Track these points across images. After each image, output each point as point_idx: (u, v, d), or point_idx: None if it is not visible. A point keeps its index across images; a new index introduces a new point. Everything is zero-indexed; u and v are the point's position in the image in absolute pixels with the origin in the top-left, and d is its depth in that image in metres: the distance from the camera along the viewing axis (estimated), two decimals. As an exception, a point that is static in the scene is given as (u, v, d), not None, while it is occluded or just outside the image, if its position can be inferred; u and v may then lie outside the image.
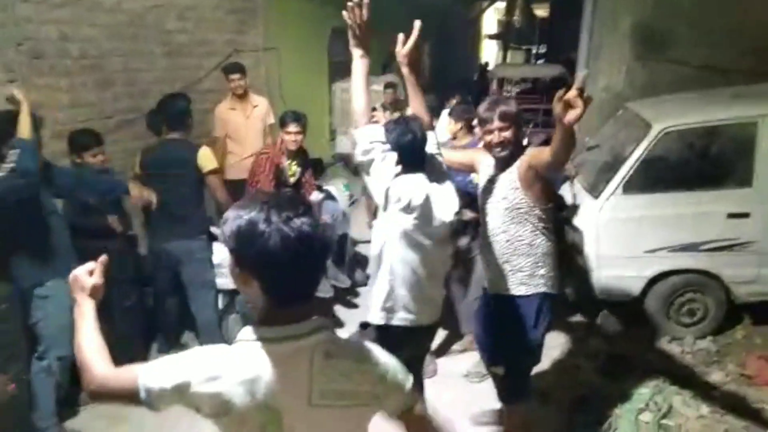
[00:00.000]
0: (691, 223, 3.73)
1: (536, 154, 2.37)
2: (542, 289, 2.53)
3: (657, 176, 3.88)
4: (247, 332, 1.15)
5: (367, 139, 2.31)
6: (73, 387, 3.18)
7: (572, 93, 1.92)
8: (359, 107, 2.35)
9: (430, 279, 2.41)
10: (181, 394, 1.12)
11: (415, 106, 2.46)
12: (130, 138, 4.16)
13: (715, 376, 3.51)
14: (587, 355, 3.78)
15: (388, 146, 2.32)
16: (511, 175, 2.45)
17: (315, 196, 4.28)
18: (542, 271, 2.51)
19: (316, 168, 4.62)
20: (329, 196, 4.58)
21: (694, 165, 4.02)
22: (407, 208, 2.25)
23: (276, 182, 4.11)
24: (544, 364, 3.65)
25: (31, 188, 2.75)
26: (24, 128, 2.69)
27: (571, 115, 1.94)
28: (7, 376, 2.69)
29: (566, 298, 4.23)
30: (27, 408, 2.88)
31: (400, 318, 2.37)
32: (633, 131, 4.04)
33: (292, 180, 4.28)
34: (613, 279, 3.82)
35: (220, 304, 3.76)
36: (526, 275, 2.52)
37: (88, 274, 1.31)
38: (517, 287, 2.54)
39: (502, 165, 2.50)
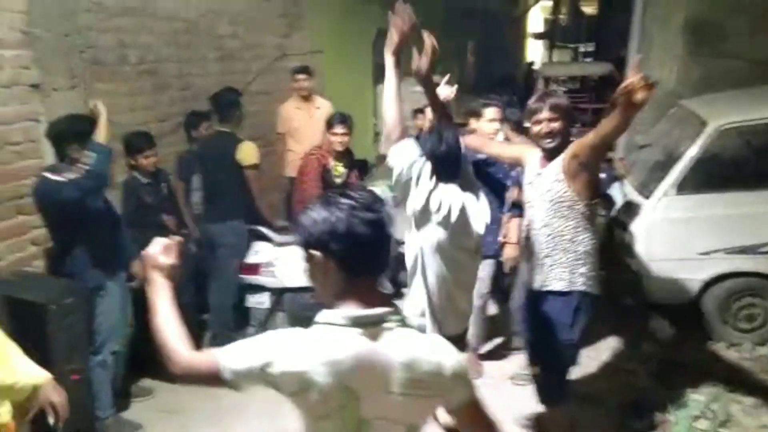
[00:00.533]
0: (749, 223, 3.59)
1: (580, 140, 2.38)
2: (581, 288, 2.49)
3: (712, 175, 3.75)
4: (327, 315, 1.21)
5: (401, 158, 2.31)
6: (127, 380, 3.34)
7: (638, 78, 1.95)
8: (392, 119, 2.31)
9: (461, 290, 2.43)
10: (265, 373, 1.17)
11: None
12: (185, 140, 4.30)
13: (776, 386, 3.37)
14: (640, 360, 3.69)
15: (422, 159, 2.32)
16: (556, 167, 2.44)
17: (361, 196, 4.32)
18: (582, 269, 2.48)
19: (361, 169, 4.68)
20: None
21: (752, 163, 3.86)
22: (445, 221, 2.26)
23: (323, 182, 4.18)
24: (595, 367, 3.60)
25: (101, 191, 2.93)
26: (101, 134, 2.84)
27: (640, 95, 1.95)
28: (71, 367, 2.82)
29: (617, 301, 4.14)
30: (88, 399, 3.03)
31: (429, 330, 2.39)
32: (687, 129, 3.92)
33: (338, 181, 4.34)
34: (666, 282, 3.71)
35: (268, 303, 3.85)
36: (565, 271, 2.49)
37: (163, 253, 1.33)
38: (556, 282, 2.51)
39: (549, 158, 2.49)
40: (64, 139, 2.83)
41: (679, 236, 3.67)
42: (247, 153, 3.75)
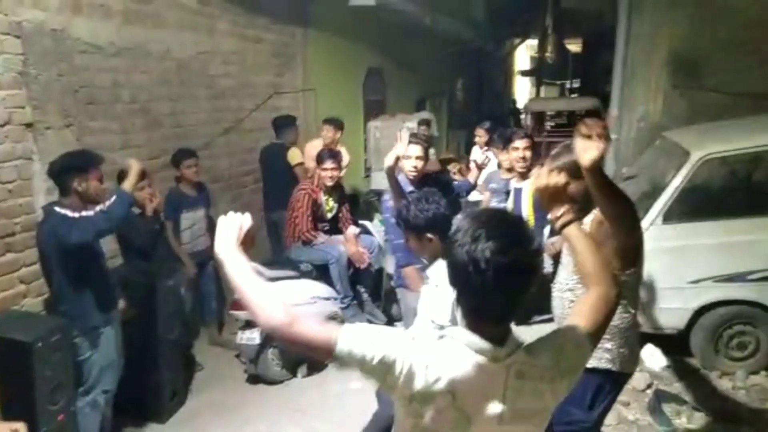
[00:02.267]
0: (737, 251, 3.63)
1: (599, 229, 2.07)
2: (606, 365, 2.15)
3: (698, 204, 3.81)
4: (460, 334, 1.19)
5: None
6: (116, 418, 3.28)
7: (594, 124, 1.57)
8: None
9: None
10: (381, 368, 1.15)
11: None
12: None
13: (770, 414, 3.35)
14: (634, 392, 3.66)
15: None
16: (583, 227, 2.00)
17: (351, 230, 4.35)
18: (609, 345, 2.14)
19: (352, 203, 4.72)
20: (365, 231, 4.65)
21: (737, 192, 3.94)
22: None
23: (313, 217, 4.21)
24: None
25: (107, 233, 2.97)
26: (129, 183, 2.92)
27: (589, 153, 1.54)
28: (56, 406, 2.78)
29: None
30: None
31: None
32: (671, 160, 4.00)
33: (329, 215, 4.37)
34: (657, 311, 3.72)
35: (259, 339, 3.77)
36: None
37: (238, 228, 1.30)
38: None
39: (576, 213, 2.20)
40: (66, 172, 2.85)
41: (668, 265, 3.69)
42: (293, 156, 5.08)
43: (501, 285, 1.11)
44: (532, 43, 16.99)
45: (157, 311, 3.42)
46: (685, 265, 3.68)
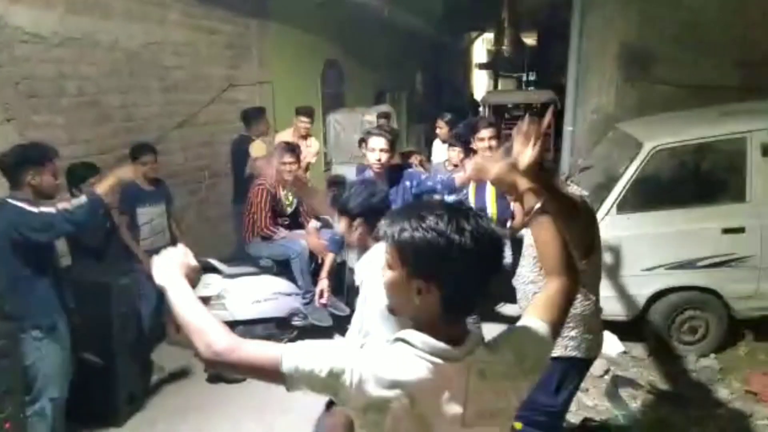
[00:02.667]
0: (687, 239, 3.75)
1: None
2: (571, 353, 2.21)
3: (650, 194, 3.92)
4: (412, 336, 1.12)
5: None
6: (71, 425, 3.15)
7: (530, 127, 1.42)
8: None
9: None
10: (332, 382, 1.09)
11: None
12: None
13: (721, 394, 3.48)
14: (592, 378, 3.75)
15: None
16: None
17: (312, 224, 4.30)
18: (573, 333, 2.21)
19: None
20: (326, 225, 4.60)
21: (687, 182, 4.07)
22: None
23: (272, 212, 4.13)
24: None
25: (66, 233, 2.90)
26: (103, 186, 2.87)
27: (525, 156, 1.41)
28: (3, 414, 2.64)
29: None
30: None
31: None
32: (624, 151, 4.10)
33: (288, 210, 4.30)
34: (613, 299, 3.82)
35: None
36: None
37: (184, 257, 1.26)
38: None
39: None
40: (20, 164, 2.71)
41: (622, 254, 3.80)
42: (256, 148, 4.84)
43: (480, 271, 1.11)
44: (489, 36, 17.19)
45: (110, 312, 3.29)
46: (639, 254, 3.78)
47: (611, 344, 4.04)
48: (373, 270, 1.89)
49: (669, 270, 3.77)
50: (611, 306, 3.85)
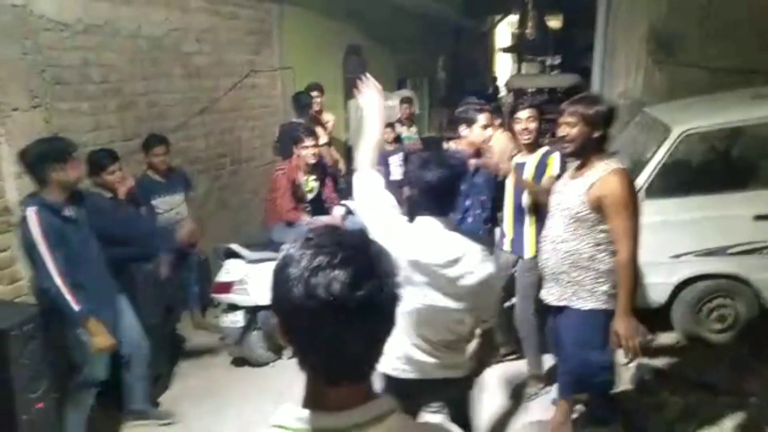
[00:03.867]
0: (717, 226, 3.65)
1: (614, 192, 2.30)
2: (604, 306, 2.41)
3: (679, 180, 3.81)
4: (290, 416, 0.87)
5: (368, 193, 1.99)
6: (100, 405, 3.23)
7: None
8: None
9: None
10: None
11: None
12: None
13: (751, 384, 3.41)
14: (618, 366, 3.69)
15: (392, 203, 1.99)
16: (581, 187, 2.39)
17: (337, 210, 4.29)
18: (605, 287, 2.40)
19: (335, 179, 4.67)
20: (351, 211, 4.58)
21: (717, 167, 3.95)
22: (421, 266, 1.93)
23: (294, 198, 4.13)
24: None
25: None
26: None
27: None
28: (35, 394, 2.71)
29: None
30: (56, 426, 2.91)
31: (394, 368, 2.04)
32: (652, 136, 4.00)
33: (310, 196, 4.30)
34: (639, 286, 3.74)
35: (242, 322, 3.77)
36: (586, 290, 2.43)
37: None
38: (577, 301, 2.45)
39: (578, 169, 2.46)
40: (44, 161, 2.69)
41: (650, 240, 3.69)
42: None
43: (355, 329, 0.80)
44: (513, 19, 16.89)
45: (136, 296, 3.35)
46: (667, 240, 3.69)
47: (638, 333, 3.97)
48: None
49: (698, 257, 3.67)
50: (638, 293, 3.78)
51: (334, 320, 0.78)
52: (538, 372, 3.47)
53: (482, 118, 3.22)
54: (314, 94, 5.46)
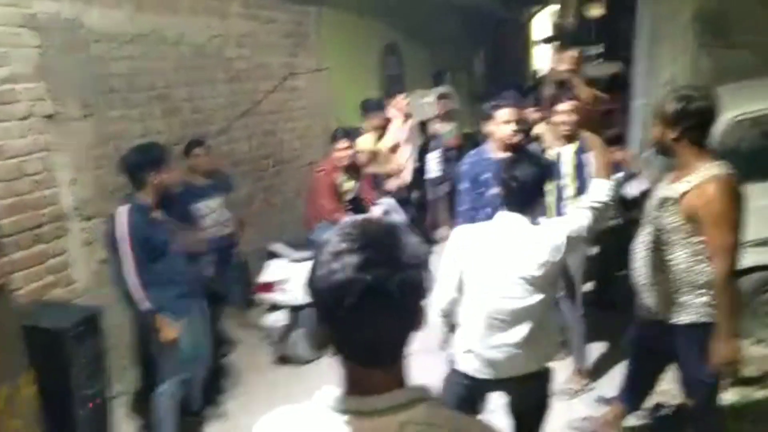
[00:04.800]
0: (772, 215, 3.49)
1: (710, 211, 2.14)
2: (703, 319, 2.24)
3: (731, 167, 3.66)
4: (328, 396, 0.93)
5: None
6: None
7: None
8: None
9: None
10: None
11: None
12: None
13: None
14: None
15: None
16: (675, 193, 2.22)
17: (377, 209, 4.32)
18: (706, 298, 2.22)
19: (376, 179, 4.69)
20: (391, 209, 4.60)
21: (771, 153, 3.77)
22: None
23: (336, 198, 4.19)
24: (617, 370, 3.52)
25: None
26: None
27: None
28: (89, 393, 2.84)
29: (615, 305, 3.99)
30: (108, 425, 3.04)
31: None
32: (701, 122, 3.85)
33: (348, 196, 4.35)
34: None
35: (285, 320, 3.84)
36: (681, 302, 2.28)
37: None
38: (673, 315, 2.31)
39: (676, 170, 2.30)
40: (142, 168, 2.89)
41: (700, 231, 3.58)
42: (363, 141, 4.51)
43: (364, 313, 0.84)
44: (552, 9, 16.55)
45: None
46: (719, 230, 3.55)
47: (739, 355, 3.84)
48: None
49: (753, 247, 3.51)
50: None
51: (348, 303, 0.83)
52: (582, 367, 3.40)
53: (501, 114, 3.13)
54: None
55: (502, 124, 3.13)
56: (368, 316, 0.85)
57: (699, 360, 2.26)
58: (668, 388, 3.31)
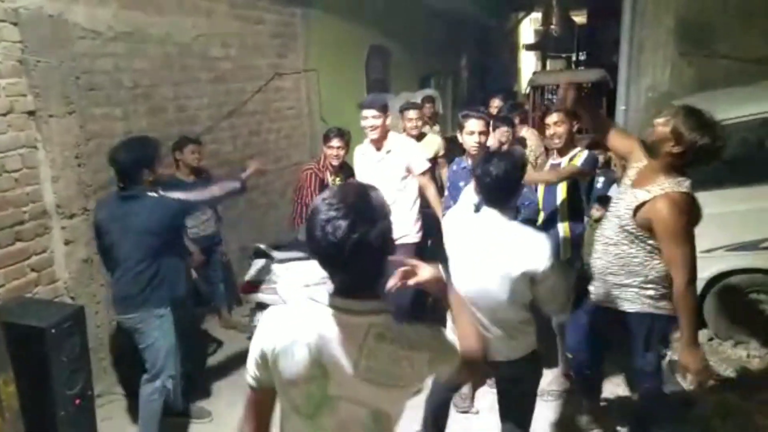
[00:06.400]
0: (750, 220, 3.58)
1: (661, 220, 2.21)
2: (649, 310, 2.39)
3: (710, 173, 3.72)
4: (320, 293, 1.30)
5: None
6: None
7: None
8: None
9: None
10: (265, 361, 1.30)
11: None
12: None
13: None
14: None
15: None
16: (633, 199, 2.31)
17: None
18: (650, 292, 2.38)
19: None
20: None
21: (749, 159, 3.86)
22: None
23: (321, 198, 4.19)
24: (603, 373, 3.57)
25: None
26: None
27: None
28: (73, 391, 2.81)
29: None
30: (91, 423, 3.00)
31: None
32: (681, 128, 3.92)
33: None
34: (669, 281, 3.69)
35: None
36: (632, 292, 2.41)
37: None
38: (623, 303, 2.44)
39: (644, 170, 2.38)
40: (137, 165, 2.83)
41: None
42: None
43: (351, 261, 1.18)
44: (537, 16, 16.75)
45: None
46: (698, 235, 3.59)
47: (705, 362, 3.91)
48: None
49: (730, 251, 3.60)
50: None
51: (341, 256, 1.16)
52: (568, 371, 3.45)
53: (468, 124, 3.22)
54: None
55: (467, 134, 3.24)
56: (356, 262, 1.18)
57: (643, 348, 2.41)
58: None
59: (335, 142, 4.08)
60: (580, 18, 15.31)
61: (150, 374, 2.98)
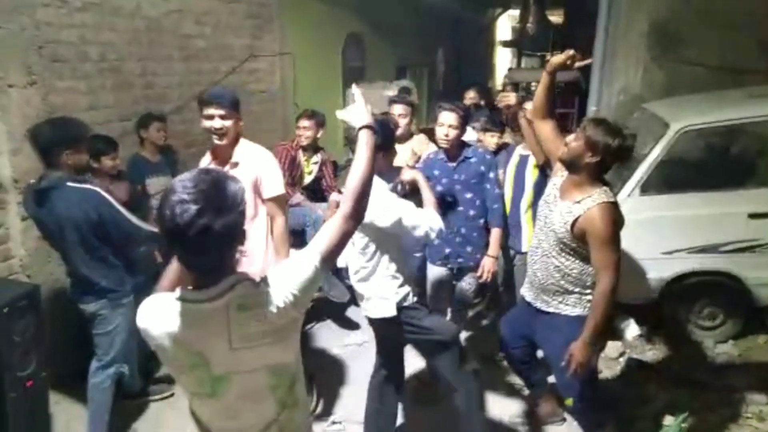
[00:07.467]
0: (711, 223, 3.67)
1: (595, 230, 2.28)
2: (587, 313, 2.43)
3: (675, 177, 3.82)
4: (182, 292, 1.33)
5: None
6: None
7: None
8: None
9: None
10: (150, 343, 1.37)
11: None
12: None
13: (737, 381, 3.44)
14: (606, 360, 3.73)
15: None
16: (568, 212, 2.37)
17: (334, 196, 4.27)
18: (590, 297, 2.44)
19: (334, 168, 4.69)
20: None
21: (714, 165, 3.96)
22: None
23: (291, 177, 4.15)
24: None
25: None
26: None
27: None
28: (25, 372, 2.71)
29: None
30: (44, 405, 2.91)
31: None
32: (650, 131, 4.00)
33: (308, 178, 4.32)
34: (631, 281, 3.76)
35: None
36: (574, 297, 2.48)
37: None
38: (565, 307, 2.49)
39: (568, 183, 2.44)
40: (57, 145, 2.63)
41: (643, 236, 3.72)
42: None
43: (194, 245, 1.23)
44: (514, 13, 16.82)
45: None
46: (660, 236, 3.71)
47: (628, 327, 4.00)
48: None
49: (690, 254, 3.70)
50: (629, 288, 3.80)
51: (187, 238, 1.20)
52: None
53: (441, 117, 3.27)
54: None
55: (438, 126, 3.30)
56: (201, 246, 1.23)
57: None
58: (608, 386, 3.45)
59: (304, 122, 4.14)
60: (556, 18, 15.44)
61: (102, 362, 2.91)
